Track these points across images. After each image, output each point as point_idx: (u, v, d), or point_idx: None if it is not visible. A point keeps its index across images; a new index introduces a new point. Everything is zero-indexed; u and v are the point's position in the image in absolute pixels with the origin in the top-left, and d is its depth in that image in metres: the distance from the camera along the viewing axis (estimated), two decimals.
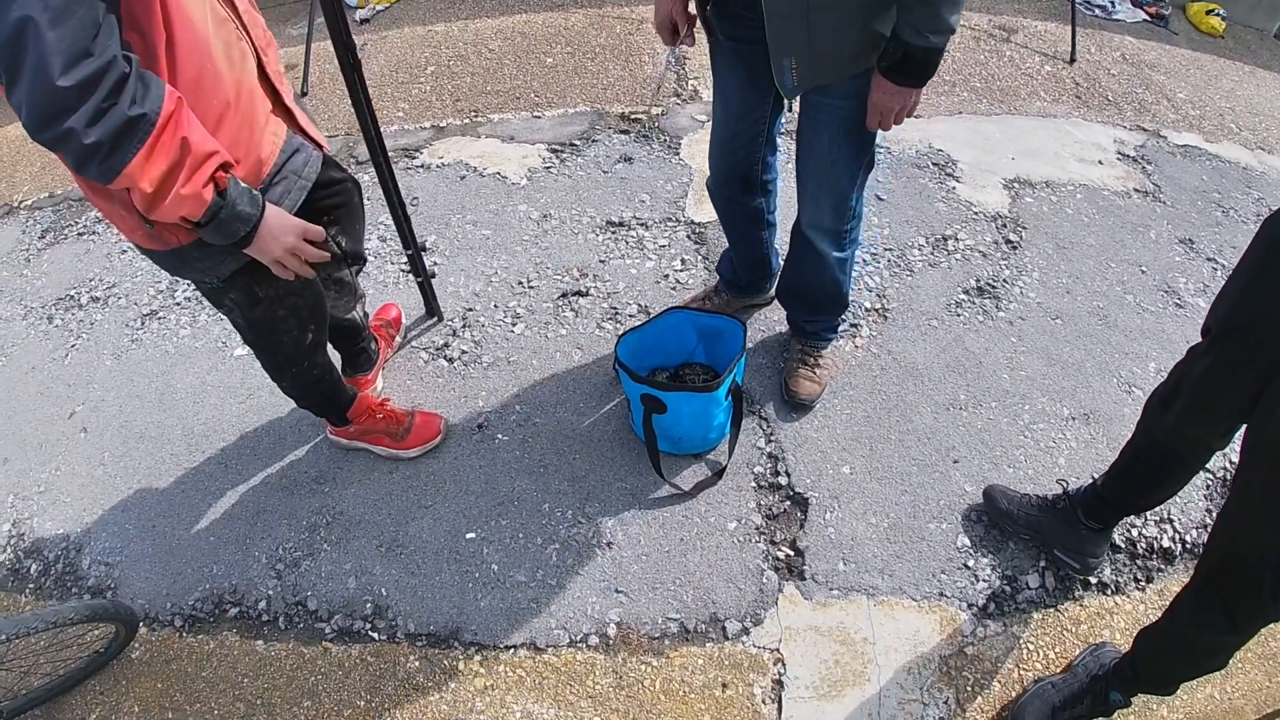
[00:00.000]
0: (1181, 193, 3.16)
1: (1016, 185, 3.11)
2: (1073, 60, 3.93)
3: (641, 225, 2.91)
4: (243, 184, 1.42)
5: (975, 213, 2.96)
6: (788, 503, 2.18)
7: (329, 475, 2.33)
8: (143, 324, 2.99)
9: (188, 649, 2.04)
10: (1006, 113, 3.55)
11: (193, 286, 3.00)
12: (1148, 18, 4.43)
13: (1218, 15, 4.43)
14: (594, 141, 3.33)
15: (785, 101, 1.89)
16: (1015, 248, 2.84)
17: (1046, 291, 2.69)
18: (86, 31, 1.16)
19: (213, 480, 2.38)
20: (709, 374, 2.32)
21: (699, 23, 1.89)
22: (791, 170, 2.01)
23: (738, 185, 2.16)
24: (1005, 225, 2.92)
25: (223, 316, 2.79)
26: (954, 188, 3.07)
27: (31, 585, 2.26)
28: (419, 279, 2.53)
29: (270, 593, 2.11)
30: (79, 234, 3.70)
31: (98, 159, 1.22)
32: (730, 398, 2.13)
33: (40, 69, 1.13)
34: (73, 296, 3.28)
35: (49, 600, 2.21)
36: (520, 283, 2.75)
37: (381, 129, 2.14)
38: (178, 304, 3.04)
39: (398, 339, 2.61)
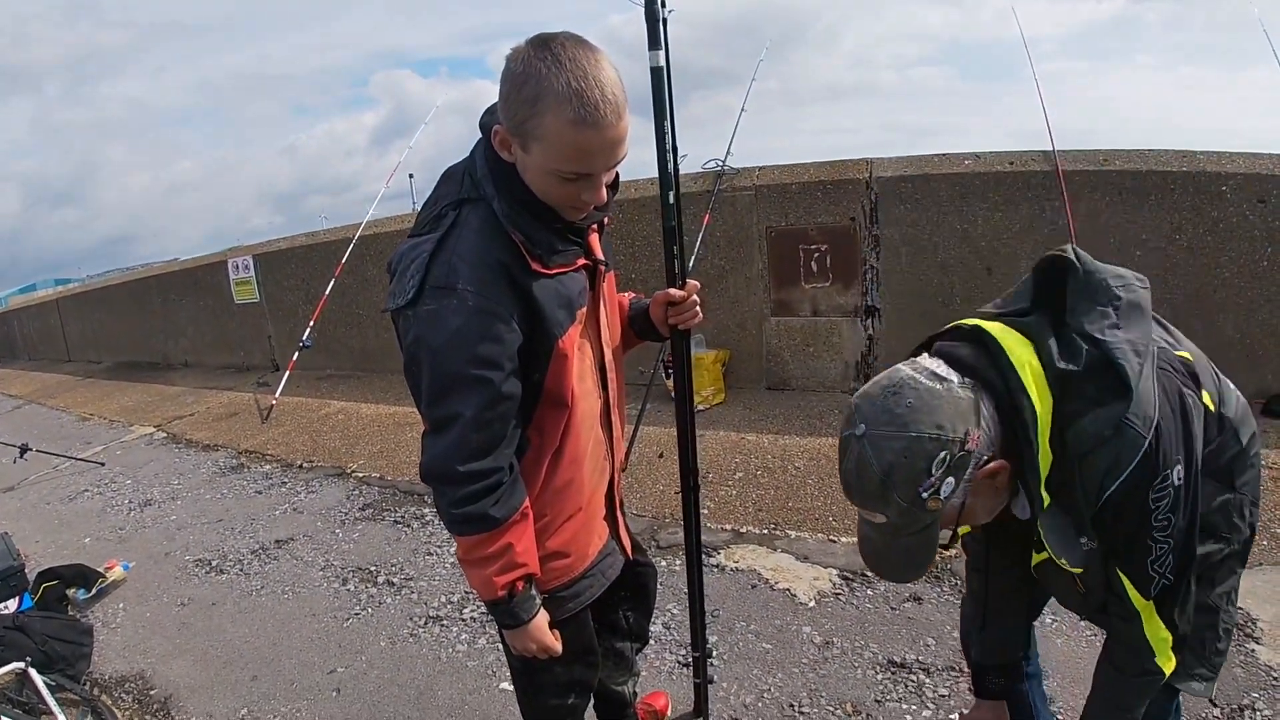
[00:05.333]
0: None
1: None
2: None
3: (923, 670, 2.83)
4: (532, 592, 1.66)
5: (1276, 678, 2.64)
6: None
7: None
8: (425, 624, 3.26)
9: None
10: None
11: (482, 609, 3.25)
12: None
13: None
14: None
15: None
16: None
17: None
18: (496, 440, 1.51)
19: None
20: None
21: None
22: None
23: None
24: None
25: (500, 647, 2.99)
26: (1253, 650, 2.77)
27: None
28: (697, 680, 2.59)
29: None
30: (394, 521, 4.19)
31: (448, 519, 1.54)
32: None
33: (452, 449, 1.48)
34: (371, 572, 3.66)
35: None
36: (791, 705, 2.72)
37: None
38: (463, 619, 3.28)
39: None
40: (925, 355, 1.40)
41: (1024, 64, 5.41)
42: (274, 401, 6.74)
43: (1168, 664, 1.50)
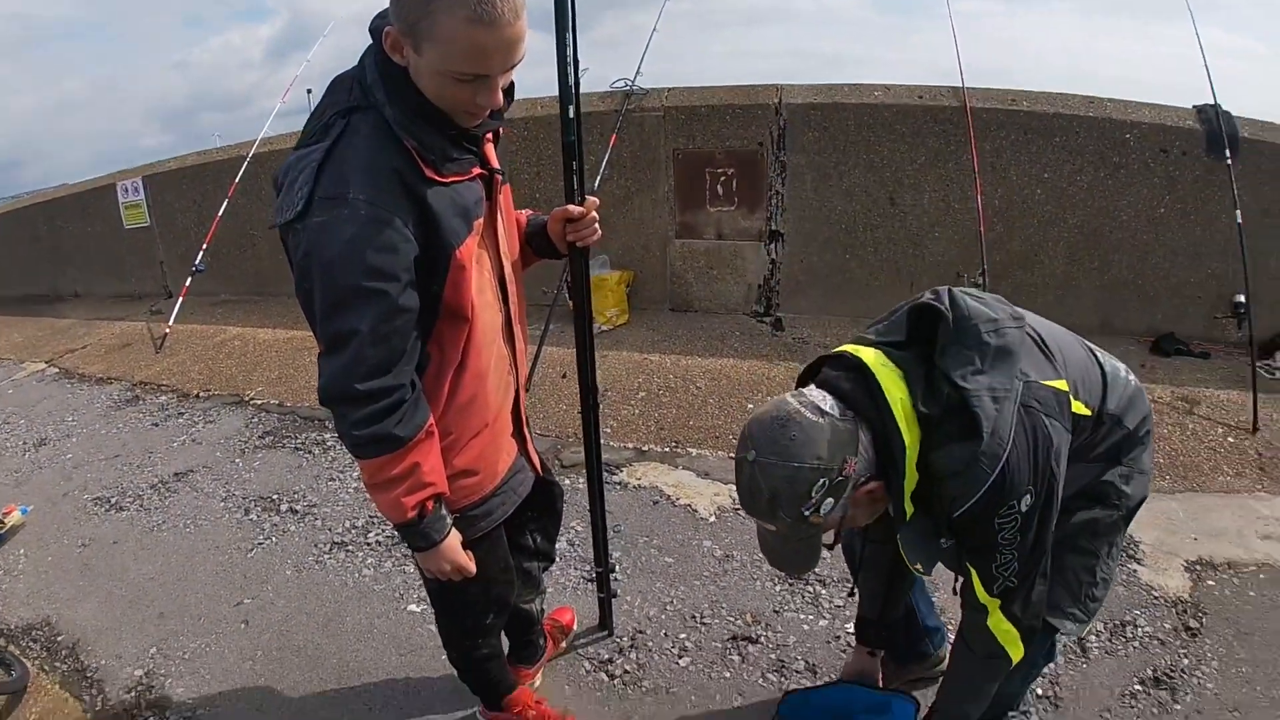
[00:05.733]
0: None
1: (1199, 567, 2.98)
2: (1255, 429, 3.88)
3: (819, 582, 2.95)
4: (443, 512, 1.66)
5: (1155, 597, 2.84)
6: None
7: None
8: (330, 550, 3.27)
9: None
10: (1190, 490, 3.49)
11: (386, 532, 3.27)
12: None
13: None
14: None
15: None
16: (1195, 635, 2.67)
17: (1225, 682, 2.48)
18: (394, 355, 1.47)
19: (353, 718, 2.46)
20: None
21: None
22: None
23: None
24: (1185, 611, 2.77)
25: (406, 570, 3.00)
26: (1135, 570, 2.97)
27: None
28: (601, 595, 2.66)
29: None
30: (295, 448, 4.14)
31: (351, 441, 1.52)
32: None
33: (349, 367, 1.44)
34: (273, 500, 3.64)
35: None
36: (693, 616, 2.81)
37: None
38: (368, 544, 3.29)
39: (564, 643, 2.69)
40: (812, 387, 1.56)
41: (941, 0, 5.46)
42: (168, 330, 6.49)
43: (1016, 652, 1.69)
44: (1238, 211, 4.16)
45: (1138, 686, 2.50)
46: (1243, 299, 4.37)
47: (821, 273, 5.54)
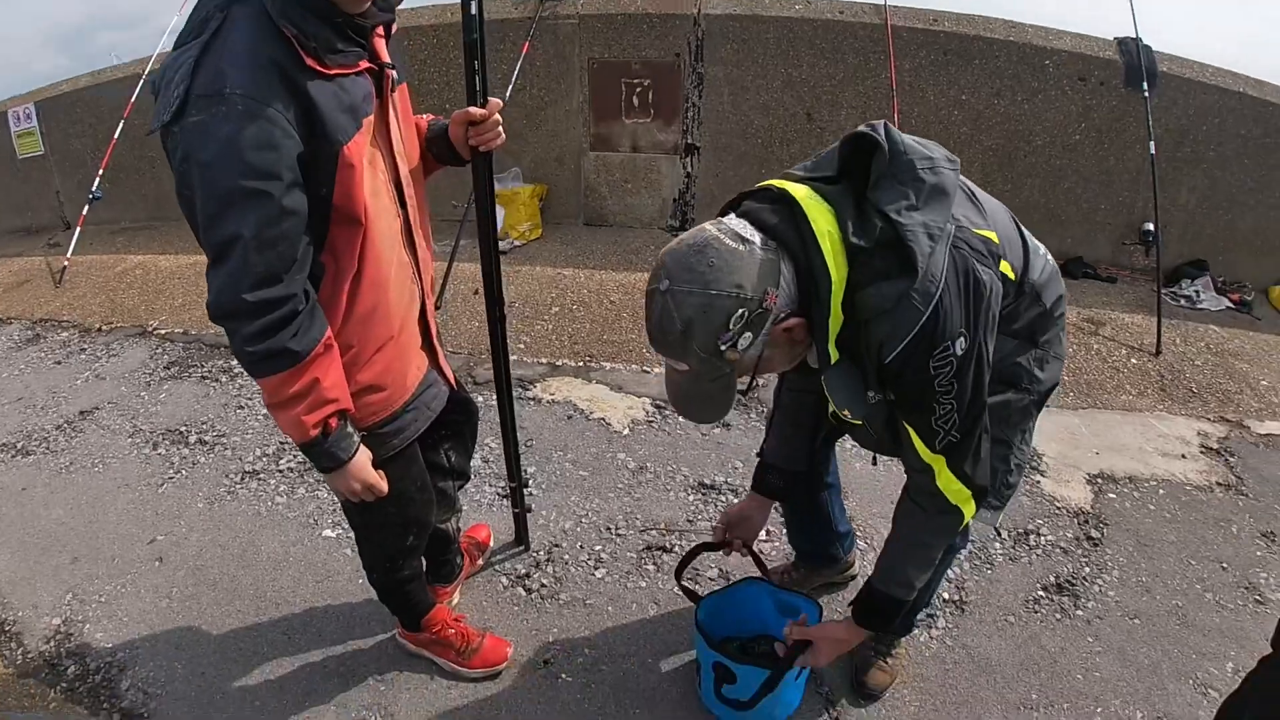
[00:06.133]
0: (1264, 484, 3.18)
1: (1100, 481, 3.15)
2: (1158, 352, 4.09)
3: (732, 491, 3.00)
4: (349, 429, 1.61)
5: (1058, 508, 2.99)
6: None
7: (387, 675, 2.34)
8: (242, 479, 3.18)
9: None
10: (1093, 407, 3.67)
11: (298, 458, 3.19)
12: (1231, 305, 4.70)
13: None
14: None
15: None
16: (1096, 545, 2.82)
17: (1125, 590, 2.64)
18: (284, 263, 1.40)
19: (273, 648, 2.43)
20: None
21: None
22: None
23: None
24: (1087, 521, 2.93)
25: (320, 495, 2.95)
26: (1039, 482, 3.12)
27: (64, 685, 2.35)
28: (515, 510, 2.65)
29: None
30: (202, 377, 4.00)
31: (245, 359, 1.45)
32: (801, 676, 2.11)
33: (235, 277, 1.37)
34: (181, 432, 3.52)
35: (78, 705, 2.27)
36: (609, 528, 2.84)
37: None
38: (280, 471, 3.22)
39: (481, 560, 2.69)
40: (732, 215, 1.45)
41: None
42: (66, 262, 6.08)
43: (968, 509, 1.65)
44: (1151, 143, 4.29)
45: (1041, 592, 2.63)
46: (1151, 227, 4.53)
47: (736, 187, 5.33)
